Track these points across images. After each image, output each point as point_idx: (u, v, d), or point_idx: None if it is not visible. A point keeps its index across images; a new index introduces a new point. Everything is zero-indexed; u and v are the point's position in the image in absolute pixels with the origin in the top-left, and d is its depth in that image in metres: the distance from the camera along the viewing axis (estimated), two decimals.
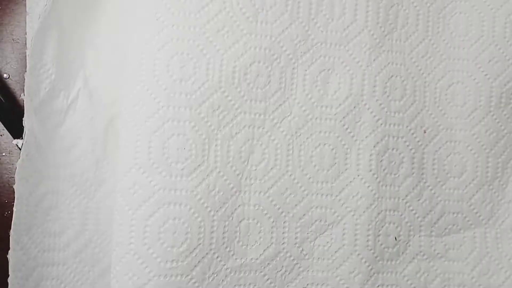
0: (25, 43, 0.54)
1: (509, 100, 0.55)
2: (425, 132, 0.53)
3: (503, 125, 0.55)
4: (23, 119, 0.49)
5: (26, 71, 0.50)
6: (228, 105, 0.50)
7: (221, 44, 0.50)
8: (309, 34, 0.53)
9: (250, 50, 0.51)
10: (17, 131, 0.52)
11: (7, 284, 0.48)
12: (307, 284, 0.52)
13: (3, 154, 0.53)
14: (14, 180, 0.49)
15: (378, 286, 0.52)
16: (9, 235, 0.48)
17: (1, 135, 0.53)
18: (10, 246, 0.48)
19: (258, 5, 0.51)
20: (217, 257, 0.50)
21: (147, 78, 0.48)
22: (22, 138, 0.49)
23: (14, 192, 0.49)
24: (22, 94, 0.53)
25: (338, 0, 0.52)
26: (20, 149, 0.51)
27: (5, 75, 0.54)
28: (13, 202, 0.48)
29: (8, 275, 0.48)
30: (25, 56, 0.53)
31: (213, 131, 0.50)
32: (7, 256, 0.48)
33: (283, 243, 0.52)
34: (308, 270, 0.52)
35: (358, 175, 0.53)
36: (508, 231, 0.55)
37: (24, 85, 0.50)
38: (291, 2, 0.52)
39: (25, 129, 0.49)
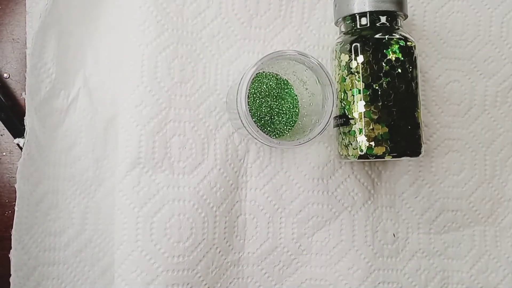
0: (25, 43, 0.54)
1: (505, 99, 0.56)
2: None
3: (499, 123, 0.56)
4: (24, 118, 0.49)
5: (26, 71, 0.50)
6: (224, 107, 0.52)
7: (216, 49, 0.52)
8: (302, 37, 0.53)
9: (243, 55, 0.52)
10: (17, 131, 0.52)
11: (9, 283, 0.48)
12: (305, 279, 0.53)
13: (4, 154, 0.53)
14: (15, 179, 0.49)
15: (379, 283, 0.52)
16: (11, 235, 0.48)
17: (1, 135, 0.53)
18: (12, 245, 0.48)
19: (252, 11, 0.53)
20: (219, 251, 0.50)
21: (149, 79, 0.49)
22: (23, 137, 0.49)
23: (15, 192, 0.49)
24: (22, 94, 0.53)
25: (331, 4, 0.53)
26: (21, 149, 0.51)
27: (5, 75, 0.54)
28: (14, 201, 0.49)
29: (9, 275, 0.48)
30: (25, 55, 0.53)
31: (211, 131, 0.51)
32: (9, 256, 0.48)
33: (280, 238, 0.52)
34: (306, 265, 0.53)
35: (353, 173, 0.53)
36: (507, 230, 0.55)
37: (24, 85, 0.50)
38: (284, 7, 0.53)
39: (26, 128, 0.49)
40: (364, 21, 0.48)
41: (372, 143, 0.46)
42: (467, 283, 0.54)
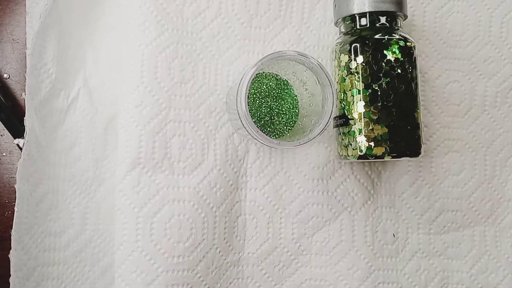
0: (25, 43, 0.54)
1: (505, 100, 0.56)
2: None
3: (499, 124, 0.56)
4: (24, 118, 0.49)
5: (26, 71, 0.50)
6: (224, 107, 0.52)
7: (216, 49, 0.52)
8: (302, 38, 0.53)
9: (243, 55, 0.52)
10: (17, 131, 0.52)
11: (8, 284, 0.48)
12: (305, 280, 0.53)
13: (4, 154, 0.53)
14: (15, 180, 0.49)
15: (379, 283, 0.52)
16: (10, 235, 0.48)
17: (1, 135, 0.53)
18: (12, 246, 0.48)
19: (252, 11, 0.53)
20: (219, 252, 0.50)
21: (149, 79, 0.49)
22: (23, 138, 0.49)
23: (14, 192, 0.49)
24: (22, 94, 0.53)
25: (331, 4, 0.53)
26: (21, 149, 0.51)
27: (5, 75, 0.54)
28: (14, 202, 0.49)
29: (9, 275, 0.48)
30: (25, 56, 0.54)
31: (211, 131, 0.51)
32: (9, 256, 0.48)
33: (280, 239, 0.52)
34: (306, 266, 0.53)
35: (353, 173, 0.53)
36: (507, 230, 0.55)
37: (24, 85, 0.50)
38: (284, 7, 0.53)
39: (26, 129, 0.49)
40: (363, 21, 0.48)
41: (372, 144, 0.46)
42: (467, 283, 0.54)
